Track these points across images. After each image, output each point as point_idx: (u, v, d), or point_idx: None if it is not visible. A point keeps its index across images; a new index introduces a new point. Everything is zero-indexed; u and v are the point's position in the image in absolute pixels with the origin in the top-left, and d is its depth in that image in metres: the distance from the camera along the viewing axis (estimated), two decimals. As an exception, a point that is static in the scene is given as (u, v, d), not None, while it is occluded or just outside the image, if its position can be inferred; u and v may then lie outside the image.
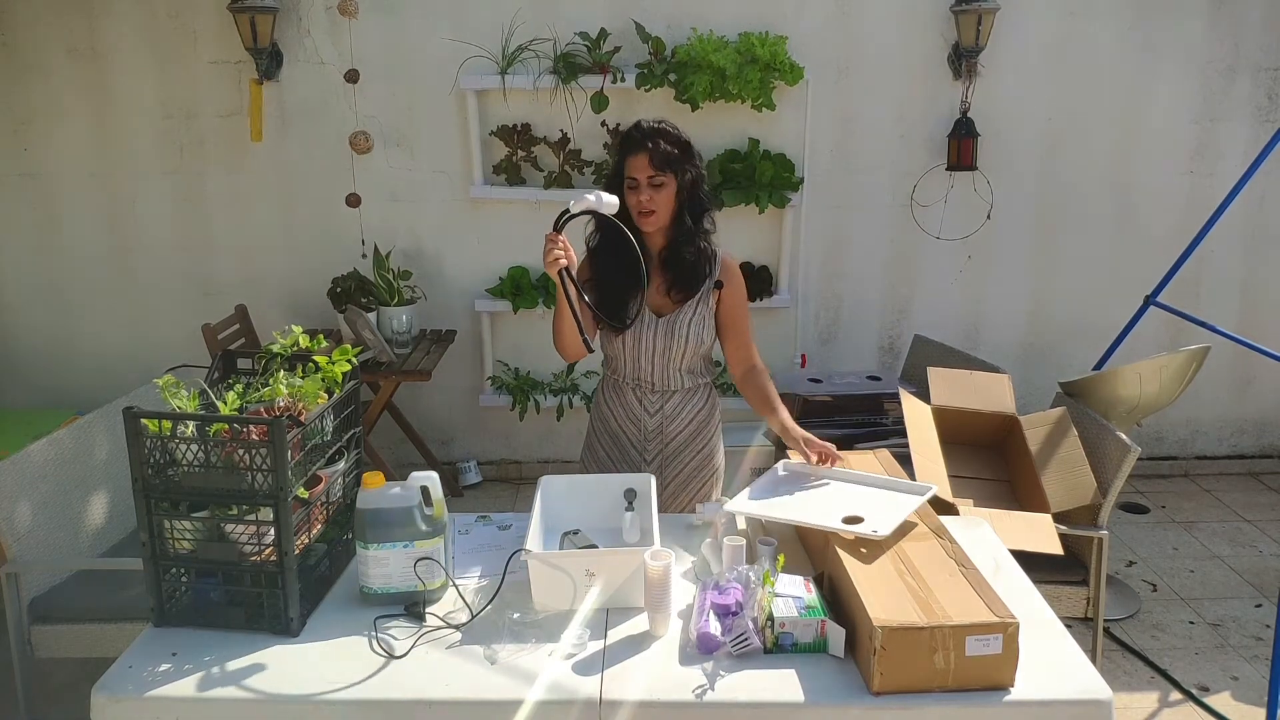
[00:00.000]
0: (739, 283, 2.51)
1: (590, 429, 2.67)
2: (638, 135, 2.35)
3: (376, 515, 1.88)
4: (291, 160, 4.39)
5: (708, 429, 2.58)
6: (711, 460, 2.60)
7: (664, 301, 2.46)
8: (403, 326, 4.19)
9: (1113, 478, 2.92)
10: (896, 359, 4.62)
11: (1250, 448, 4.94)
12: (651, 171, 2.32)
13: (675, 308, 2.45)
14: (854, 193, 4.50)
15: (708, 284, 2.45)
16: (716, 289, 2.46)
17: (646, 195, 2.33)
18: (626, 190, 2.35)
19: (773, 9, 4.27)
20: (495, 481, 4.77)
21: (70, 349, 4.59)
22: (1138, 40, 4.39)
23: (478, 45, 4.22)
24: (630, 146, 2.35)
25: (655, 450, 2.54)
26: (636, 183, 2.33)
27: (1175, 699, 3.11)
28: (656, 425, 2.53)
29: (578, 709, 1.65)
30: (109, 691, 1.67)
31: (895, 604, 1.68)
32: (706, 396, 2.57)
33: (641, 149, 2.32)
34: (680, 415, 2.53)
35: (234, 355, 2.10)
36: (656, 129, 2.36)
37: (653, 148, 2.32)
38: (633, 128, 2.39)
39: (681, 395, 2.52)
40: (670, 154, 2.33)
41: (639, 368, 2.49)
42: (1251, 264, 4.67)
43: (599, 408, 2.63)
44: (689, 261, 2.42)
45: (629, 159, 2.35)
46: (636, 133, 2.36)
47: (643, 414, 2.53)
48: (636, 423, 2.54)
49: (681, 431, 2.54)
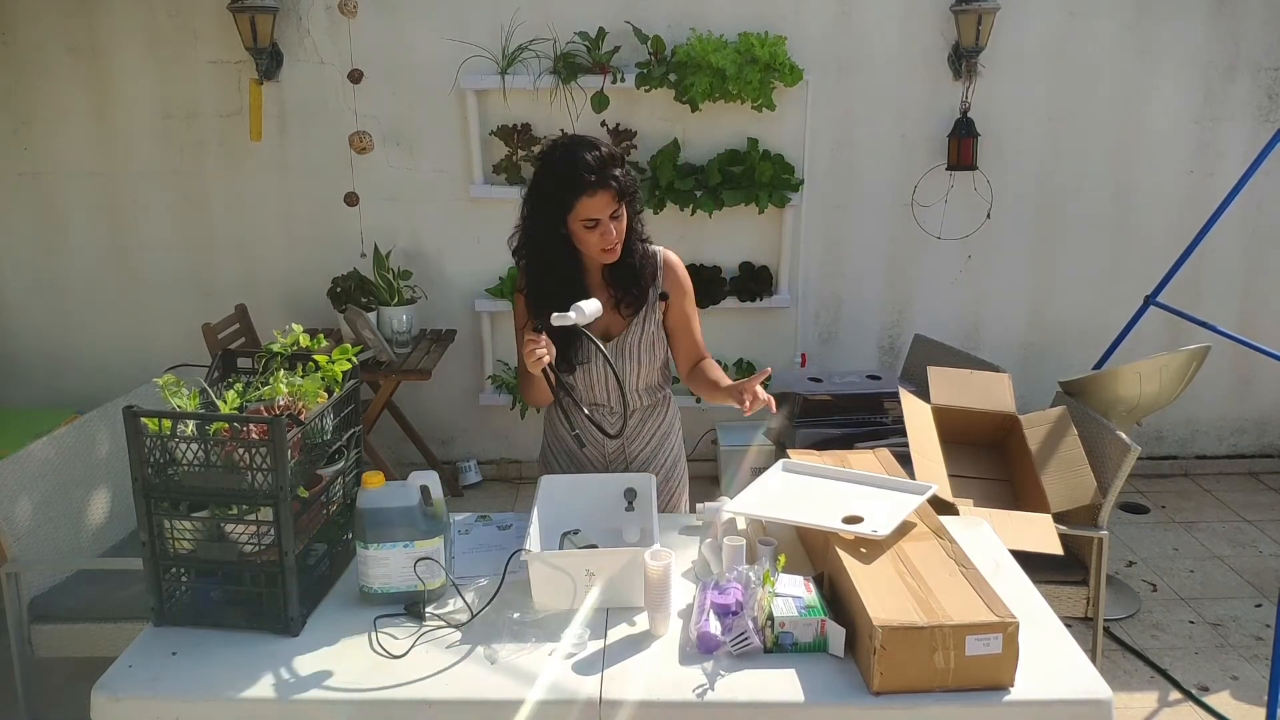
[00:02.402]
0: (684, 285, 2.35)
1: (545, 445, 2.51)
2: (591, 174, 2.06)
3: (376, 515, 1.88)
4: (292, 160, 4.39)
5: (670, 440, 2.48)
6: (677, 467, 2.50)
7: (612, 318, 2.28)
8: (403, 326, 4.20)
9: (1113, 478, 2.92)
10: (896, 359, 4.62)
11: (1250, 447, 4.94)
12: (615, 207, 2.11)
13: (624, 325, 2.30)
14: (854, 193, 4.50)
15: (652, 295, 2.30)
16: (662, 300, 2.31)
17: (613, 231, 2.13)
18: (581, 230, 2.12)
19: (773, 9, 4.27)
20: (495, 481, 4.77)
21: (70, 349, 4.59)
22: (1138, 40, 4.39)
23: (478, 45, 4.22)
24: (583, 186, 2.07)
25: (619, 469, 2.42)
26: (597, 222, 2.11)
27: (1175, 699, 3.11)
28: (617, 446, 2.40)
29: (578, 709, 1.65)
30: (109, 691, 1.67)
31: (895, 604, 1.67)
32: (666, 410, 2.47)
33: (602, 187, 2.07)
34: (641, 434, 2.42)
35: (234, 355, 2.10)
36: (604, 158, 2.08)
37: (616, 184, 2.09)
38: (575, 164, 2.07)
39: (641, 414, 2.40)
40: (626, 182, 2.12)
41: (594, 394, 2.36)
42: (1251, 264, 4.67)
43: (553, 426, 2.46)
44: (635, 268, 2.25)
45: (583, 200, 2.08)
46: (587, 170, 2.06)
47: (602, 438, 2.37)
48: (598, 446, 2.40)
49: (644, 449, 2.43)
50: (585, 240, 2.16)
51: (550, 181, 2.13)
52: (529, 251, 2.24)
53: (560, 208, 2.12)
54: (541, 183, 2.16)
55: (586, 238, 2.15)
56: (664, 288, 2.33)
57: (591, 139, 2.15)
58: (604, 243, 2.15)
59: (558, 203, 2.12)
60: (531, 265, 2.24)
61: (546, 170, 2.15)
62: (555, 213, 2.13)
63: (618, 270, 2.25)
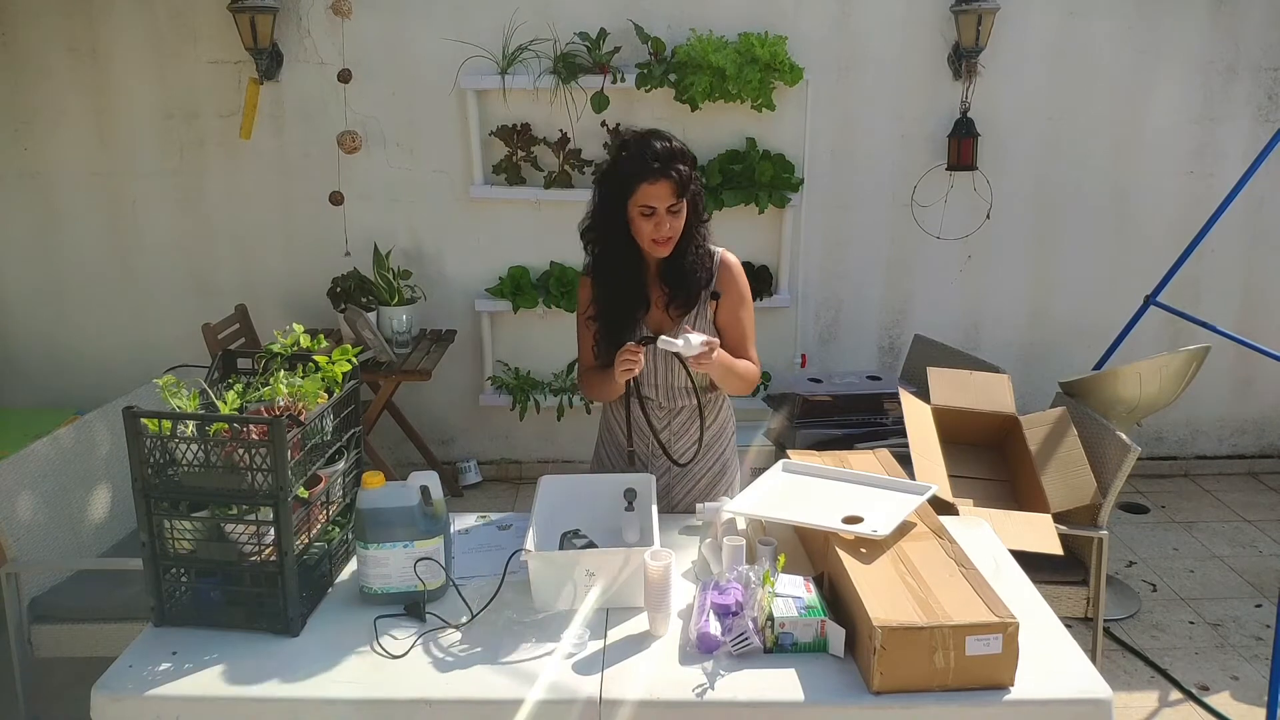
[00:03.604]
0: (738, 286, 2.38)
1: (599, 439, 2.58)
2: (656, 162, 2.16)
3: (376, 515, 1.88)
4: (292, 160, 4.39)
5: (720, 442, 2.49)
6: (725, 474, 2.51)
7: (662, 318, 2.34)
8: (403, 326, 4.19)
9: (1113, 478, 2.92)
10: (896, 359, 4.61)
11: (1250, 448, 4.94)
12: (673, 200, 2.18)
13: (673, 324, 2.33)
14: (854, 193, 4.50)
15: (704, 295, 2.34)
16: (713, 300, 2.35)
17: (667, 224, 2.20)
18: (638, 217, 2.20)
19: (773, 9, 4.27)
20: (495, 481, 4.77)
21: (70, 349, 4.59)
22: (1138, 40, 4.39)
23: (478, 45, 4.22)
24: (647, 173, 2.16)
25: (663, 467, 2.45)
26: (654, 210, 2.19)
27: (1175, 699, 3.11)
28: (665, 441, 2.43)
29: (578, 709, 1.65)
30: (109, 691, 1.67)
31: (895, 604, 1.68)
32: (717, 410, 2.48)
33: (664, 176, 2.16)
34: (689, 431, 2.44)
35: (234, 355, 2.10)
36: (672, 150, 2.18)
37: (676, 176, 2.17)
38: (644, 150, 2.18)
39: (690, 411, 2.43)
40: (689, 177, 2.20)
41: (642, 388, 2.40)
42: (1251, 264, 4.67)
43: (607, 421, 2.54)
44: (688, 266, 2.30)
45: (645, 186, 2.16)
46: (653, 158, 2.16)
47: (649, 431, 2.43)
48: (644, 439, 2.44)
49: (691, 446, 2.44)
50: (640, 228, 2.22)
51: (618, 165, 2.24)
52: (595, 235, 2.32)
53: (623, 191, 2.21)
54: (611, 166, 2.28)
55: (642, 225, 2.22)
56: (716, 287, 2.37)
57: (665, 133, 2.24)
58: (657, 233, 2.21)
59: (621, 186, 2.21)
60: (596, 250, 2.33)
61: (617, 154, 2.27)
62: (618, 196, 2.22)
63: (670, 269, 2.30)
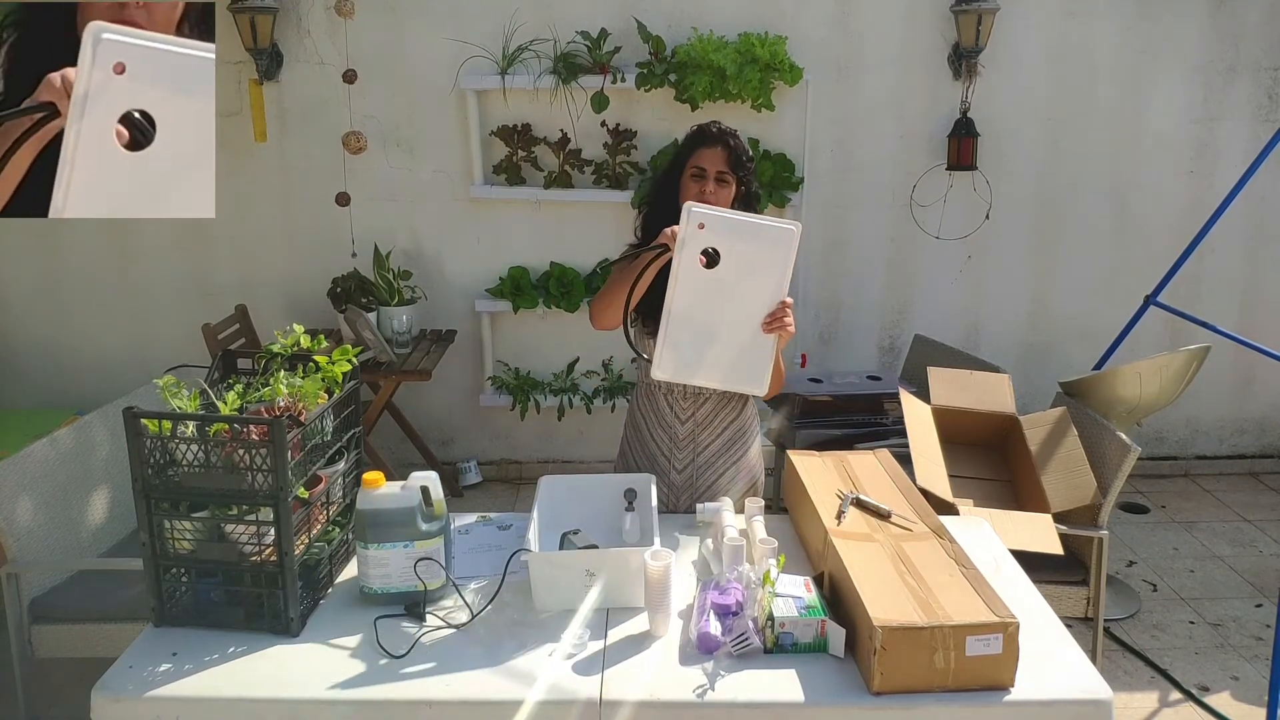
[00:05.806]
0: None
1: (624, 437, 2.61)
2: (715, 131, 2.39)
3: (376, 515, 1.88)
4: (291, 160, 4.39)
5: (744, 438, 2.51)
6: (748, 472, 2.52)
7: None
8: (403, 326, 4.19)
9: (1113, 478, 2.92)
10: (896, 359, 4.61)
11: (1250, 448, 4.94)
12: (723, 167, 2.35)
13: None
14: (854, 193, 4.50)
15: None
16: None
17: (711, 187, 2.35)
18: (688, 178, 2.38)
19: (773, 9, 4.27)
20: (495, 481, 4.77)
21: (70, 349, 4.59)
22: (1138, 40, 4.39)
23: (478, 45, 4.22)
24: (705, 140, 2.38)
25: (686, 460, 2.46)
26: (704, 172, 2.36)
27: (1175, 699, 3.11)
28: (688, 433, 2.45)
29: (578, 709, 1.65)
30: (109, 691, 1.67)
31: (895, 604, 1.67)
32: (742, 405, 2.50)
33: (719, 143, 2.36)
34: (713, 423, 2.46)
35: (234, 355, 2.10)
36: (728, 131, 2.40)
37: (731, 146, 2.36)
38: (708, 125, 2.42)
39: (715, 402, 2.45)
40: (742, 155, 2.38)
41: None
42: (1251, 264, 4.67)
43: (633, 415, 2.57)
44: None
45: (701, 150, 2.37)
46: (713, 129, 2.40)
47: (674, 420, 2.46)
48: (668, 429, 2.47)
49: (714, 440, 2.46)
50: (688, 191, 2.36)
51: (683, 141, 2.48)
52: (650, 197, 2.55)
53: (681, 156, 2.43)
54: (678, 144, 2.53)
55: (690, 187, 2.37)
56: None
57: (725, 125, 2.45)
58: (701, 195, 2.33)
59: (681, 151, 2.44)
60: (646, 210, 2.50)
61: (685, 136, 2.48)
62: (677, 161, 2.43)
63: None
